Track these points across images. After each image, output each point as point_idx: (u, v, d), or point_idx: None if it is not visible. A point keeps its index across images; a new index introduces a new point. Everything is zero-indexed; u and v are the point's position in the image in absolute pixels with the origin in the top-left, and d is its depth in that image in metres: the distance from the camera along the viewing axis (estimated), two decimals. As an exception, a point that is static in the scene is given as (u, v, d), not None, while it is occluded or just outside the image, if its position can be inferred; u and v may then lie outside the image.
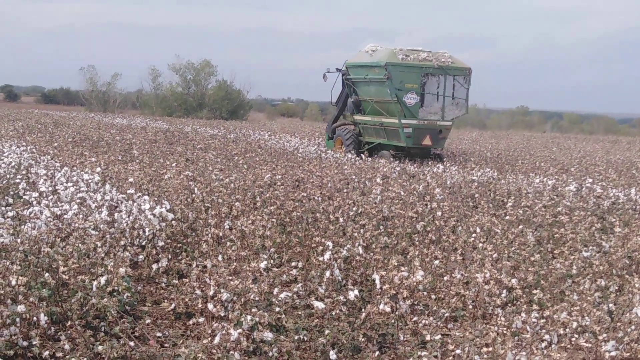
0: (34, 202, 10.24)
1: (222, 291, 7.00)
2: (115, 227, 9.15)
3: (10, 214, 9.33)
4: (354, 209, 11.13)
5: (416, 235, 10.18)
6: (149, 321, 7.12)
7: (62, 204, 10.01)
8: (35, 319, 6.32)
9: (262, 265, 7.77)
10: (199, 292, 7.23)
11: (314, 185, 13.64)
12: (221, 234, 9.49)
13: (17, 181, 12.58)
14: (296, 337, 6.65)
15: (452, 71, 22.93)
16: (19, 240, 7.98)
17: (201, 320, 6.88)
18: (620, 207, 13.55)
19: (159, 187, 12.61)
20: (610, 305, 7.33)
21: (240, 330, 6.07)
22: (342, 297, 7.29)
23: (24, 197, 11.00)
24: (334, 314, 7.13)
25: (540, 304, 7.62)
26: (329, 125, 27.03)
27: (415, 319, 7.27)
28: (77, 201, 10.26)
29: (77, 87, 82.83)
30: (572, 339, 6.56)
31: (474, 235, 10.03)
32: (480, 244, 9.58)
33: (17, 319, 6.17)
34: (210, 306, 6.86)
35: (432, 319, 7.28)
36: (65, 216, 9.20)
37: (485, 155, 26.01)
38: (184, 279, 7.95)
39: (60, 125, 31.31)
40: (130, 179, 12.54)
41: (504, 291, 7.83)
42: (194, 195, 11.50)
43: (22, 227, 8.64)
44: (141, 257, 8.80)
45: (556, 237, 10.46)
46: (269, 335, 6.24)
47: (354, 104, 24.67)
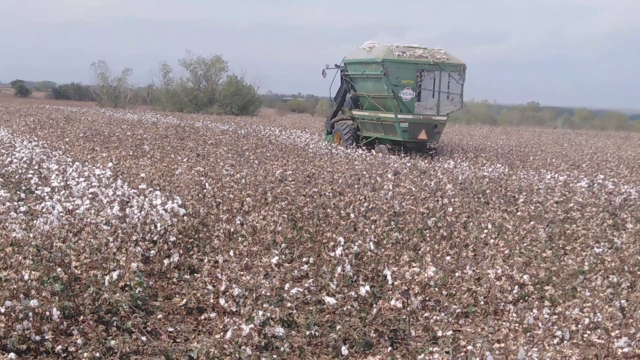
0: (46, 197, 10.26)
1: (233, 286, 7.01)
2: (127, 222, 9.16)
3: (22, 209, 9.35)
4: (365, 204, 11.11)
5: (427, 231, 10.17)
6: (160, 316, 7.14)
7: (74, 199, 10.03)
8: (47, 313, 6.35)
9: (274, 260, 7.78)
10: (210, 287, 7.25)
11: (325, 180, 13.64)
12: (232, 229, 9.50)
13: (29, 176, 12.63)
14: (307, 333, 6.65)
15: (447, 67, 23.55)
16: (31, 235, 8.00)
17: (213, 315, 6.90)
18: (632, 204, 13.51)
19: (171, 182, 12.63)
20: (622, 301, 7.32)
21: (251, 325, 6.10)
22: (353, 293, 7.30)
23: (36, 192, 11.04)
24: (345, 309, 7.13)
25: (552, 300, 7.61)
26: (328, 120, 27.74)
27: (426, 314, 7.26)
28: (89, 196, 10.28)
29: (88, 82, 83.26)
30: (584, 336, 6.54)
31: (485, 231, 10.01)
32: (491, 240, 9.57)
33: (30, 314, 6.21)
34: (221, 301, 6.87)
35: (443, 314, 7.28)
36: (77, 211, 9.21)
37: (496, 151, 25.96)
38: (195, 274, 7.96)
39: (71, 120, 31.36)
40: (141, 174, 12.53)
41: (516, 287, 7.82)
42: (205, 190, 11.51)
43: (35, 221, 8.66)
44: (153, 252, 8.82)
45: (568, 233, 10.43)
46: (280, 330, 6.26)
47: (352, 99, 25.48)
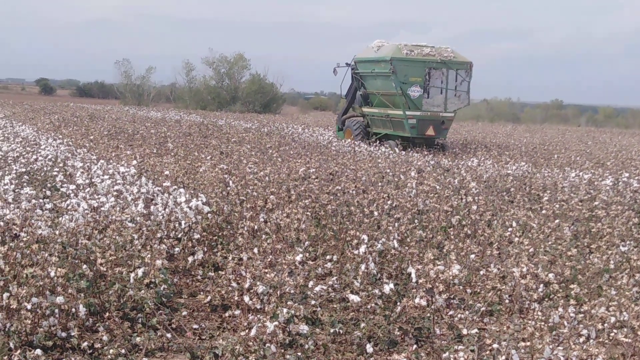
0: (72, 195, 10.31)
1: (257, 284, 7.02)
2: (151, 219, 9.19)
3: (48, 206, 9.41)
4: (389, 202, 11.09)
5: (451, 229, 10.15)
6: (185, 313, 7.17)
7: (99, 196, 10.08)
8: (73, 310, 6.39)
9: (298, 258, 7.78)
10: (234, 284, 7.26)
11: (348, 178, 13.63)
12: (256, 227, 9.51)
13: (55, 174, 12.71)
14: (332, 330, 6.66)
15: (454, 65, 24.33)
16: (57, 232, 8.03)
17: (237, 312, 6.91)
18: (658, 202, 13.38)
19: (194, 180, 12.67)
20: (648, 300, 7.26)
21: (276, 322, 6.10)
22: (377, 291, 7.29)
23: (62, 189, 11.09)
24: (369, 307, 7.12)
25: (577, 298, 7.57)
26: (339, 117, 28.53)
27: (451, 313, 7.24)
28: (114, 193, 10.33)
29: (111, 80, 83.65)
30: (611, 334, 6.50)
31: (509, 229, 9.97)
32: (516, 238, 9.52)
33: (56, 310, 6.25)
34: (246, 299, 6.89)
35: (468, 313, 7.25)
36: (102, 208, 9.26)
37: (520, 149, 25.85)
38: (219, 272, 7.98)
39: (95, 118, 31.54)
40: (165, 172, 12.58)
41: (541, 286, 7.78)
42: (228, 188, 11.52)
43: (60, 219, 8.71)
44: (177, 249, 8.86)
45: (593, 231, 10.36)
46: (304, 328, 6.26)
47: (362, 96, 26.33)
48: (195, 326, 6.85)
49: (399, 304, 7.09)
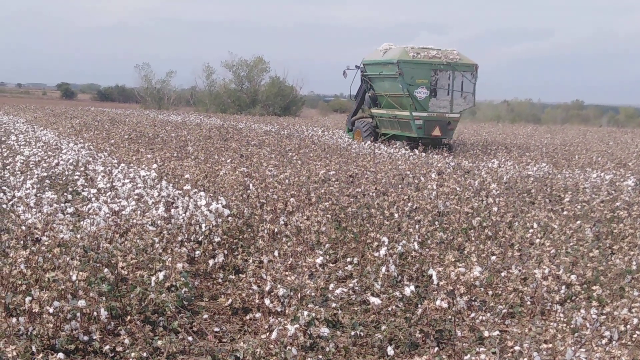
0: (93, 199, 10.37)
1: (278, 286, 7.03)
2: (172, 223, 9.22)
3: (69, 210, 9.46)
4: (409, 204, 11.07)
5: (472, 230, 10.11)
6: (206, 316, 7.19)
7: (120, 200, 10.13)
8: (95, 313, 6.43)
9: (318, 260, 7.77)
10: (255, 287, 7.27)
11: (368, 180, 13.62)
12: (277, 230, 9.53)
13: (76, 178, 12.78)
14: (352, 333, 6.64)
15: (459, 67, 24.91)
16: (78, 236, 8.09)
17: (258, 315, 6.93)
18: (680, 202, 13.27)
19: (215, 183, 12.69)
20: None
21: (297, 325, 6.10)
22: (398, 293, 7.28)
23: (83, 193, 11.15)
24: (390, 309, 7.10)
25: (599, 300, 7.52)
26: (349, 118, 29.31)
27: (472, 315, 7.22)
28: (135, 197, 10.37)
29: (132, 84, 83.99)
30: (634, 336, 6.45)
31: (531, 230, 9.93)
32: (537, 240, 9.47)
33: (78, 314, 6.28)
34: (267, 301, 6.90)
35: (489, 315, 7.23)
36: (123, 212, 9.29)
37: (540, 150, 25.76)
38: (240, 275, 7.99)
39: (116, 122, 31.67)
40: (186, 175, 12.62)
41: (563, 287, 7.74)
42: (249, 191, 11.55)
43: (82, 223, 8.76)
44: (198, 252, 8.88)
45: (615, 232, 10.30)
46: (325, 330, 6.26)
47: (371, 98, 27.15)
48: (216, 329, 6.87)
49: (419, 306, 7.07)
